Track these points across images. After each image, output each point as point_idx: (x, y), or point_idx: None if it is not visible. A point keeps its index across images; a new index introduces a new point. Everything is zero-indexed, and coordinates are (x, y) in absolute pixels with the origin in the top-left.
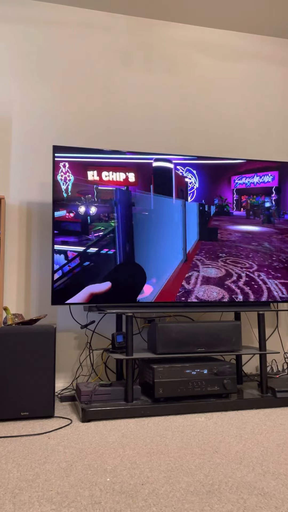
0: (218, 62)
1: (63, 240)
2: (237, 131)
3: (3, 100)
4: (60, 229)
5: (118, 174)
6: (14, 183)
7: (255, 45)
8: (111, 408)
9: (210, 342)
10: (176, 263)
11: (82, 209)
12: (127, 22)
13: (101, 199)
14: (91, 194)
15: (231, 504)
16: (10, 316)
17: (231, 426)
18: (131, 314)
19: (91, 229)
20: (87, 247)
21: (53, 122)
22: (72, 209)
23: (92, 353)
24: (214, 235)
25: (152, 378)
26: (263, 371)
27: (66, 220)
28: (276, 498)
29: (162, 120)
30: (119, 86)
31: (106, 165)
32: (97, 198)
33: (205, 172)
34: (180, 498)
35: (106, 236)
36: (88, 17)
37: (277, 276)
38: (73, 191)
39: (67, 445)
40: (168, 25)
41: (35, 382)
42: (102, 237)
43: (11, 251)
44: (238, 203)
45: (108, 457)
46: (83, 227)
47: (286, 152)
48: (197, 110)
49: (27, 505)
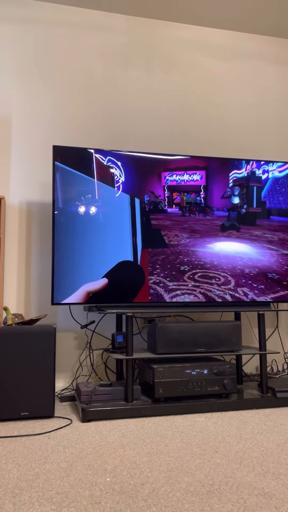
0: (218, 62)
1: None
2: (237, 131)
3: (3, 100)
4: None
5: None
6: (14, 183)
7: (255, 45)
8: (111, 408)
9: (210, 342)
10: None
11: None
12: (127, 22)
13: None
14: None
15: (231, 504)
16: (10, 316)
17: (231, 426)
18: (131, 314)
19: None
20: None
21: (53, 122)
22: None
23: (92, 353)
24: (161, 240)
25: (152, 378)
26: (263, 371)
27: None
28: (276, 498)
29: (162, 120)
30: (119, 86)
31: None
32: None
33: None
34: (180, 498)
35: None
36: (88, 17)
37: (262, 289)
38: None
39: (67, 445)
40: (168, 25)
41: (35, 382)
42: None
43: (11, 251)
44: (170, 200)
45: (108, 457)
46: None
47: (285, 151)
48: (197, 110)
49: (27, 505)
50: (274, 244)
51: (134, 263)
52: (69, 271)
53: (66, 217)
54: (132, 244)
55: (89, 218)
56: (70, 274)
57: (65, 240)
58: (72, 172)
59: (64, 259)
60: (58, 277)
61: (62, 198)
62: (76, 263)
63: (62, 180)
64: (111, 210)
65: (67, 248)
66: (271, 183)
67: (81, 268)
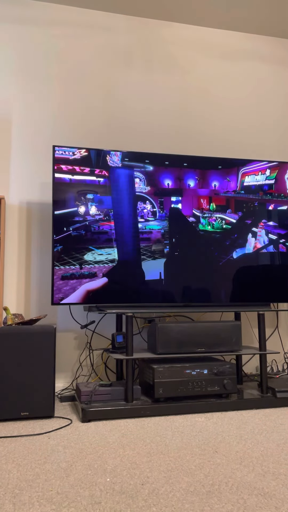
0: (218, 62)
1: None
2: (236, 131)
3: (3, 100)
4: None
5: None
6: (14, 183)
7: (255, 45)
8: (111, 408)
9: (210, 342)
10: None
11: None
12: (127, 22)
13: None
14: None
15: (231, 504)
16: (10, 316)
17: (231, 426)
18: (131, 314)
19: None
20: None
21: (53, 122)
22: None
23: (92, 353)
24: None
25: (152, 378)
26: (263, 371)
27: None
28: (276, 498)
29: (161, 119)
30: (119, 86)
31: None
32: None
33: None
34: (180, 498)
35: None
36: (88, 17)
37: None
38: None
39: (67, 445)
40: (168, 25)
41: (35, 382)
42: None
43: (11, 251)
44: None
45: (108, 457)
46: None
47: (285, 152)
48: (197, 110)
49: (27, 505)
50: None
51: (134, 263)
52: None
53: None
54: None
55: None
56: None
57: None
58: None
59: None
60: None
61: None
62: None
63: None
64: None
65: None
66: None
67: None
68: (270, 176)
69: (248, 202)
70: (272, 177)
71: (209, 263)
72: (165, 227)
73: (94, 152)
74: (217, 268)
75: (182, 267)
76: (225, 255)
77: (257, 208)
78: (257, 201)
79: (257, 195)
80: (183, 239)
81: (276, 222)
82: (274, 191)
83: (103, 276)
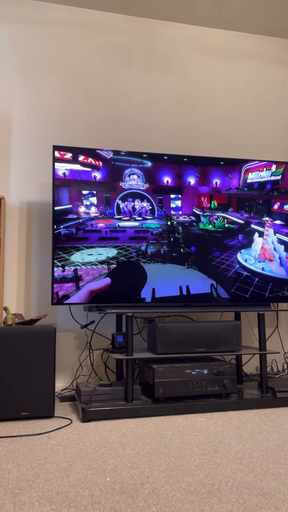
0: (218, 62)
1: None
2: (236, 131)
3: (3, 100)
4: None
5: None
6: (14, 183)
7: (255, 45)
8: (111, 408)
9: (210, 342)
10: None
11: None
12: (127, 22)
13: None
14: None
15: (231, 504)
16: (10, 316)
17: (231, 426)
18: (131, 314)
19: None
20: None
21: (53, 122)
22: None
23: (92, 353)
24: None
25: (152, 378)
26: (263, 371)
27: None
28: (276, 498)
29: (161, 119)
30: (119, 86)
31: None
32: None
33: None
34: (180, 498)
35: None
36: (88, 17)
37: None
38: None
39: (67, 445)
40: (168, 25)
41: (35, 382)
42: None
43: (11, 251)
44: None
45: (108, 457)
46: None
47: (285, 151)
48: (197, 110)
49: (27, 505)
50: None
51: (135, 263)
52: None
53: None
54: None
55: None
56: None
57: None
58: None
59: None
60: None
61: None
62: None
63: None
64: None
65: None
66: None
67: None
68: (276, 172)
69: (252, 200)
70: (278, 172)
71: (209, 263)
72: (164, 226)
73: (94, 152)
74: (217, 268)
75: (182, 267)
76: (227, 255)
77: (261, 206)
78: (262, 199)
79: (262, 192)
80: (182, 239)
81: (284, 221)
82: (280, 186)
83: (106, 277)
